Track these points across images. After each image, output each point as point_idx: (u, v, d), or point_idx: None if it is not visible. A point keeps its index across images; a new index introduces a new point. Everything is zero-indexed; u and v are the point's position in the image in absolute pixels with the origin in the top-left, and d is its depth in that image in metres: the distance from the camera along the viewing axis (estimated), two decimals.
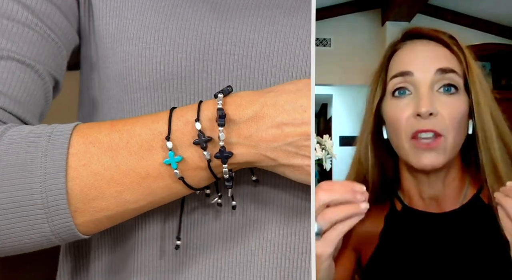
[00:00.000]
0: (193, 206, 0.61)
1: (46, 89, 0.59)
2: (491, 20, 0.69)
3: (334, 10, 0.68)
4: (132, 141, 0.53)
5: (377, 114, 0.59)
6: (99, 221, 0.54)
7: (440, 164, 0.55)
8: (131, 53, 0.59)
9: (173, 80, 0.58)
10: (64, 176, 0.51)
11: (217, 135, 0.52)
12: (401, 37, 0.60)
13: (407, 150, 0.56)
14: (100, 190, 0.52)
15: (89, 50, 0.65)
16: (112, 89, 0.62)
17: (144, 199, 0.53)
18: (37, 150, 0.52)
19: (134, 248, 0.62)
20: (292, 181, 0.58)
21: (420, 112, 0.55)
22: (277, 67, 0.58)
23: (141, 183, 0.53)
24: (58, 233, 0.52)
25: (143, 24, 0.59)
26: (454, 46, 0.57)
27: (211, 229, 0.60)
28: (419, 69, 0.57)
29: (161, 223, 0.61)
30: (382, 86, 0.59)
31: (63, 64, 0.61)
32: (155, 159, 0.52)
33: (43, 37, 0.58)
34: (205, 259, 0.60)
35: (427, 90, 0.56)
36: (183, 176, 0.53)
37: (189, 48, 0.58)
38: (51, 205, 0.51)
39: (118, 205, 0.53)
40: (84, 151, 0.52)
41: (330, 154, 0.61)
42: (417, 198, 0.59)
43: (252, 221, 0.59)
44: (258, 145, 0.52)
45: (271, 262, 0.59)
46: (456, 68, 0.57)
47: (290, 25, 0.58)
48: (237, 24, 0.58)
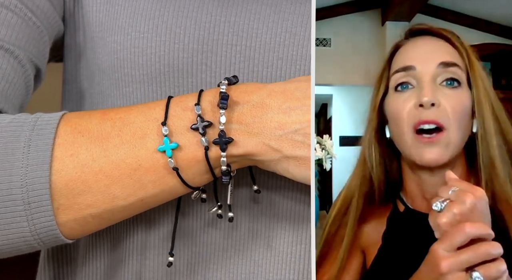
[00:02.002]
0: (190, 213, 0.57)
1: (27, 78, 0.54)
2: (491, 20, 0.69)
3: (334, 10, 0.68)
4: (125, 129, 0.49)
5: (380, 112, 0.59)
6: (84, 220, 0.49)
7: (443, 160, 0.54)
8: (123, 43, 0.55)
9: (169, 73, 0.54)
10: (48, 169, 0.47)
11: (217, 121, 0.48)
12: (405, 35, 0.60)
13: (410, 145, 0.55)
14: (87, 184, 0.48)
15: (75, 37, 0.60)
16: (102, 83, 0.58)
17: (134, 195, 0.49)
18: (20, 140, 0.47)
19: (125, 258, 0.59)
20: (297, 186, 0.57)
21: (422, 102, 0.54)
22: (283, 59, 0.55)
23: (131, 176, 0.49)
24: (38, 233, 0.48)
25: (136, 11, 0.55)
26: (457, 42, 0.57)
27: (211, 239, 0.57)
28: (421, 62, 0.56)
29: (155, 231, 0.58)
30: (385, 83, 0.59)
31: (46, 52, 0.56)
32: (148, 147, 0.49)
33: (24, 20, 0.54)
34: (205, 270, 0.57)
35: (430, 82, 0.55)
36: (178, 167, 0.49)
37: (187, 38, 0.54)
38: (32, 201, 0.47)
39: (106, 201, 0.49)
40: (72, 141, 0.48)
41: (330, 154, 0.61)
42: (420, 199, 0.58)
43: (256, 230, 0.57)
44: (262, 133, 0.49)
45: (276, 274, 0.57)
46: (459, 62, 0.56)
47: (297, 13, 0.55)
48: (239, 12, 0.55)
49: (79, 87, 0.63)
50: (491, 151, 0.56)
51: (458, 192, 0.51)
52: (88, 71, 0.61)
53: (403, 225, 0.59)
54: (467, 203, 0.50)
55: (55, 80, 0.70)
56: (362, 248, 0.59)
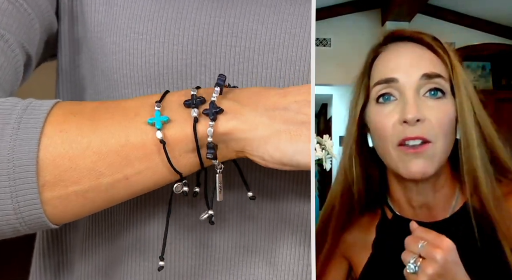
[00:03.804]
0: (186, 211, 0.56)
1: (17, 64, 0.53)
2: (491, 20, 0.69)
3: (334, 10, 0.67)
4: (119, 111, 0.48)
5: (360, 121, 0.57)
6: (67, 198, 0.48)
7: (430, 172, 0.53)
8: (121, 44, 0.54)
9: (168, 75, 0.54)
10: (36, 144, 0.46)
11: (210, 96, 0.47)
12: (383, 40, 0.58)
13: (395, 158, 0.54)
14: (74, 160, 0.47)
15: (73, 34, 0.59)
16: (100, 84, 0.57)
17: (119, 172, 0.48)
18: (11, 118, 0.46)
19: (123, 258, 0.58)
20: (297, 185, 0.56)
21: (406, 119, 0.53)
22: (282, 60, 0.54)
23: (119, 152, 0.47)
24: (21, 212, 0.46)
25: (135, 12, 0.55)
26: (439, 49, 0.55)
27: (209, 239, 0.56)
28: (404, 74, 0.54)
29: (153, 232, 0.57)
30: (365, 92, 0.57)
31: (36, 40, 0.55)
32: (138, 120, 0.47)
33: (15, 6, 0.53)
34: (203, 271, 0.56)
35: (413, 95, 0.53)
36: (165, 141, 0.47)
37: (186, 39, 0.53)
38: (17, 177, 0.46)
39: (91, 178, 0.47)
40: (63, 120, 0.47)
41: (330, 154, 0.60)
42: (407, 206, 0.57)
43: (255, 230, 0.56)
44: (255, 109, 0.47)
45: (275, 276, 0.56)
46: (442, 72, 0.55)
47: (297, 14, 0.54)
48: (238, 13, 0.54)
49: (77, 85, 0.62)
50: (474, 162, 0.55)
51: (427, 247, 0.51)
52: (87, 70, 0.60)
53: (392, 233, 0.58)
54: (438, 259, 0.51)
55: (48, 79, 0.69)
56: (347, 257, 0.58)
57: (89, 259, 0.62)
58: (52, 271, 0.65)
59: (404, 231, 0.57)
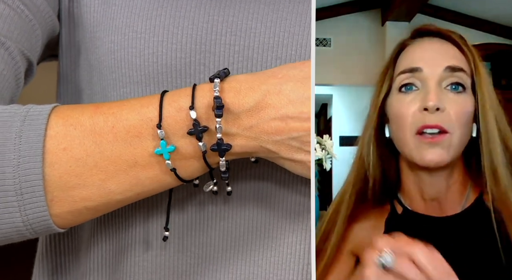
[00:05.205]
0: (185, 208, 0.57)
1: (17, 71, 0.53)
2: (491, 20, 0.69)
3: (334, 10, 0.67)
4: (118, 125, 0.48)
5: (381, 111, 0.58)
6: (78, 212, 0.48)
7: (444, 162, 0.53)
8: (120, 43, 0.54)
9: (166, 74, 0.53)
10: (40, 160, 0.46)
11: (214, 125, 0.47)
12: (411, 34, 0.59)
13: (411, 146, 0.54)
14: (82, 177, 0.47)
15: (72, 36, 0.58)
16: (99, 84, 0.56)
17: (130, 190, 0.49)
18: (11, 131, 0.46)
19: (127, 255, 0.59)
20: (296, 187, 0.57)
21: (427, 106, 0.54)
22: (281, 58, 0.54)
23: (128, 172, 0.48)
24: (30, 224, 0.47)
25: (134, 11, 0.54)
26: (464, 46, 0.57)
27: (208, 238, 0.56)
28: (428, 65, 0.56)
29: (157, 229, 0.57)
30: (389, 82, 0.58)
31: (37, 46, 0.55)
32: (144, 147, 0.48)
33: (16, 12, 0.53)
34: (203, 270, 0.56)
35: (435, 85, 0.55)
36: (175, 167, 0.49)
37: (184, 38, 0.53)
38: (24, 192, 0.46)
39: (102, 195, 0.48)
40: (64, 134, 0.47)
41: (330, 154, 0.60)
42: (418, 199, 0.57)
43: (255, 228, 0.56)
44: (259, 137, 0.48)
45: (276, 274, 0.56)
46: (465, 67, 0.56)
47: (296, 12, 0.54)
48: (237, 11, 0.54)
49: (75, 87, 0.62)
50: (495, 157, 0.56)
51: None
52: (85, 71, 0.60)
53: (403, 227, 0.58)
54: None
55: (48, 80, 0.69)
56: (355, 252, 0.58)
57: (96, 252, 0.62)
58: (52, 271, 0.65)
59: (414, 225, 0.57)
